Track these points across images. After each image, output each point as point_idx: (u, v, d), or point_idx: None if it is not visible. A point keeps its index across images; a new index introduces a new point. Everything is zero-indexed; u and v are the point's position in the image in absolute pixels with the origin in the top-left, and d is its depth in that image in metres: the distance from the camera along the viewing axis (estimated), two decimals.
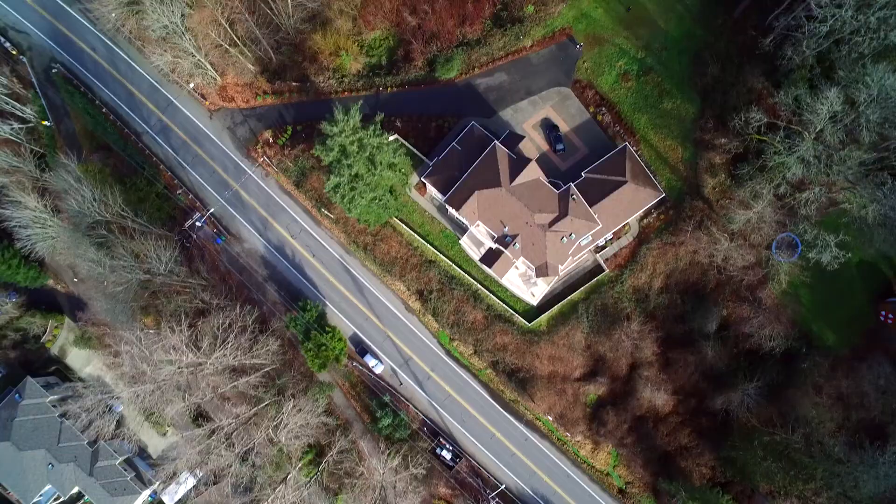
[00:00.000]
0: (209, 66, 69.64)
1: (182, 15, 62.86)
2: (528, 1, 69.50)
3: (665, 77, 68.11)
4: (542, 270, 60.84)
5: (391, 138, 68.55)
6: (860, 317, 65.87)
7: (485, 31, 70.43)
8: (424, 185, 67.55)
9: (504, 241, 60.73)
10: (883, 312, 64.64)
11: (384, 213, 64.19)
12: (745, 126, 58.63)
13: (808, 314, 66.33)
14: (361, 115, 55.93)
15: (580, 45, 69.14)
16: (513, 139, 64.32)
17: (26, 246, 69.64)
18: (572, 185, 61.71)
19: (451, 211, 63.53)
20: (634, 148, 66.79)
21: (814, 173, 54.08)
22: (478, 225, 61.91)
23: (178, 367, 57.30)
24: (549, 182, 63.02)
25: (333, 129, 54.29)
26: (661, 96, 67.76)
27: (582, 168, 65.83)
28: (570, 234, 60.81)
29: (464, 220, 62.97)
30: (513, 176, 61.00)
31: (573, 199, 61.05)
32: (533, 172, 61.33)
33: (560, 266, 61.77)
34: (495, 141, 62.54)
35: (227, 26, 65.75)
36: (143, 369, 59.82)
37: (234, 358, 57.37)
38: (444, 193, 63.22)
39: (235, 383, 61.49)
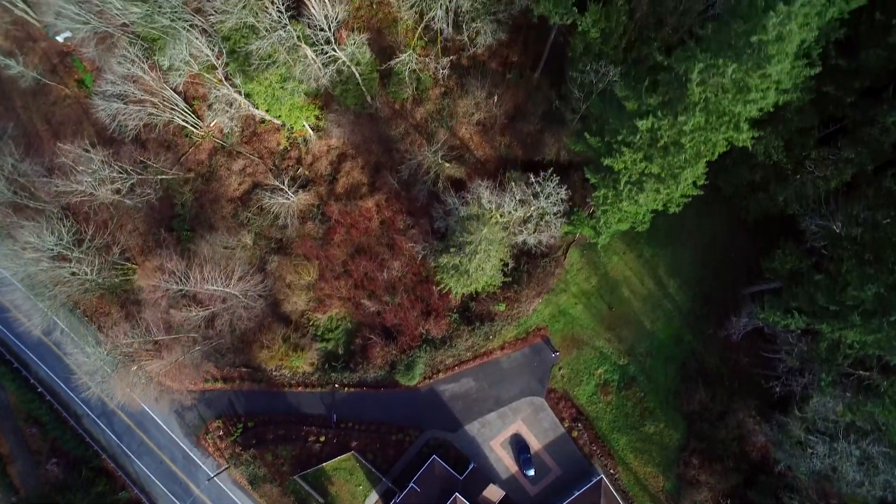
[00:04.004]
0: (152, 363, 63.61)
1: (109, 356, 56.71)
2: (498, 298, 62.57)
3: (649, 392, 61.81)
4: None
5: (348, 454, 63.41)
6: None
7: (451, 328, 63.66)
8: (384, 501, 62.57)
9: None
10: None
11: None
12: None
13: None
14: None
15: (557, 353, 62.50)
16: (477, 480, 58.83)
17: None
18: None
19: None
20: (612, 471, 61.42)
21: None
22: None
23: None
24: None
25: None
26: (643, 416, 61.62)
27: (552, 493, 60.91)
28: None
29: None
30: None
31: None
32: None
33: None
34: (456, 494, 57.02)
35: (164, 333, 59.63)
36: None
37: None
38: None
39: None
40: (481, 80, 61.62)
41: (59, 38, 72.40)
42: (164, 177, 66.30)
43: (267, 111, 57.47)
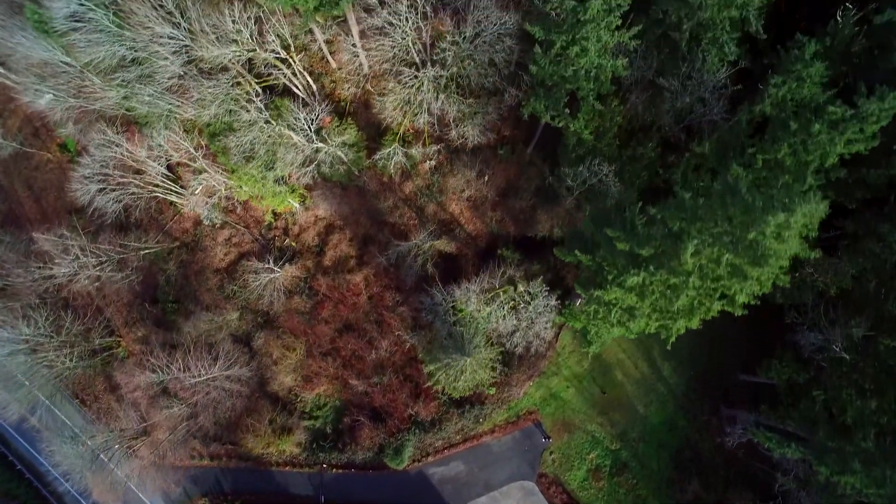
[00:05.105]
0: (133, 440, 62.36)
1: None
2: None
3: (641, 479, 60.57)
4: None
5: None
6: None
7: (440, 411, 62.30)
8: None
9: None
10: None
11: None
12: None
13: None
14: None
15: (549, 438, 61.22)
16: None
17: None
18: None
19: None
20: None
21: None
22: None
23: None
24: None
25: None
26: None
27: None
28: None
29: None
30: None
31: None
32: None
33: None
34: None
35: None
36: None
37: None
38: None
39: None
40: (471, 159, 59.84)
41: (42, 102, 70.43)
42: (147, 251, 64.68)
43: (250, 197, 55.84)
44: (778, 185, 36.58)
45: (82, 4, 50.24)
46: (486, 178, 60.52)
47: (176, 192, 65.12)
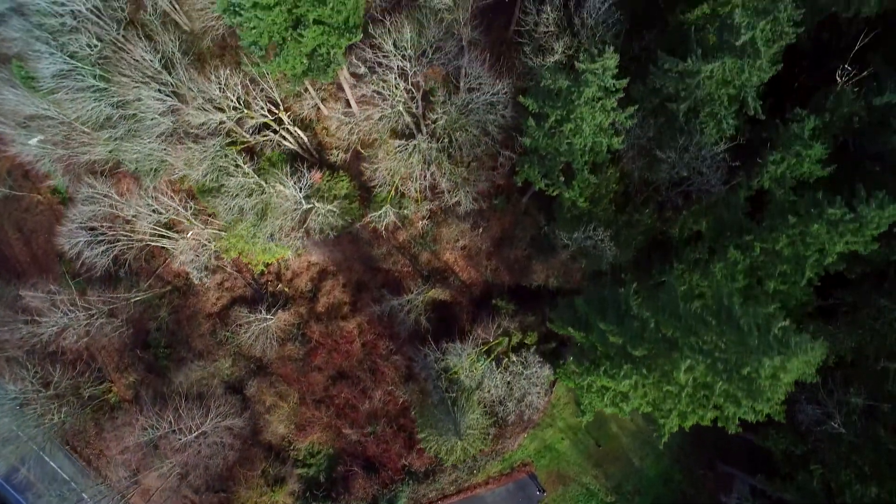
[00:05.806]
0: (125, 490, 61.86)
1: None
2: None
3: None
4: None
5: None
6: None
7: (434, 462, 61.73)
8: None
9: None
10: None
11: None
12: None
13: None
14: None
15: (544, 491, 60.72)
16: None
17: None
18: None
19: None
20: None
21: None
22: None
23: None
24: None
25: None
26: None
27: None
28: None
29: None
30: None
31: None
32: None
33: None
34: None
35: None
36: None
37: None
38: None
39: None
40: (465, 214, 58.92)
41: (32, 142, 69.54)
42: (138, 298, 63.94)
43: (239, 254, 55.09)
44: (776, 272, 35.84)
45: (67, 62, 49.34)
46: (481, 228, 59.74)
47: (168, 237, 64.49)
